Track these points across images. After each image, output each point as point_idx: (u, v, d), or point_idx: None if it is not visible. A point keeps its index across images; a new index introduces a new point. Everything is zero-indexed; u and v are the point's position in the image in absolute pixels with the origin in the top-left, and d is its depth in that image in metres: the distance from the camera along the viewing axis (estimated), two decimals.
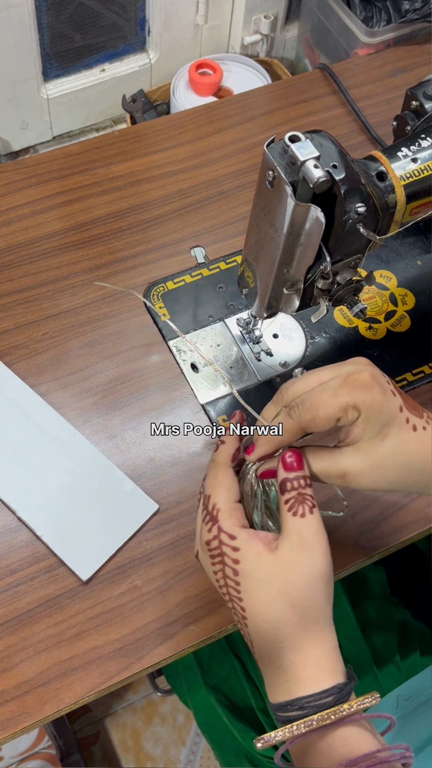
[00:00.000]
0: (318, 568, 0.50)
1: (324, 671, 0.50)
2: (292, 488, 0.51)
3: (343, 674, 0.50)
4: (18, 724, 0.63)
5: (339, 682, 0.49)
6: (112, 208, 0.89)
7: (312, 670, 0.50)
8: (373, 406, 0.50)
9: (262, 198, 0.61)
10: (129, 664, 0.65)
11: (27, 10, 0.98)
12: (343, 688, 0.49)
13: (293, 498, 0.51)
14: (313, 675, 0.49)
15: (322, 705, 0.48)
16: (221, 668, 0.89)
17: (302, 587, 0.49)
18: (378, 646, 0.84)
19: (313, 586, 0.49)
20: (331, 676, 0.50)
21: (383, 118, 0.98)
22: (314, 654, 0.50)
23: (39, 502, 0.70)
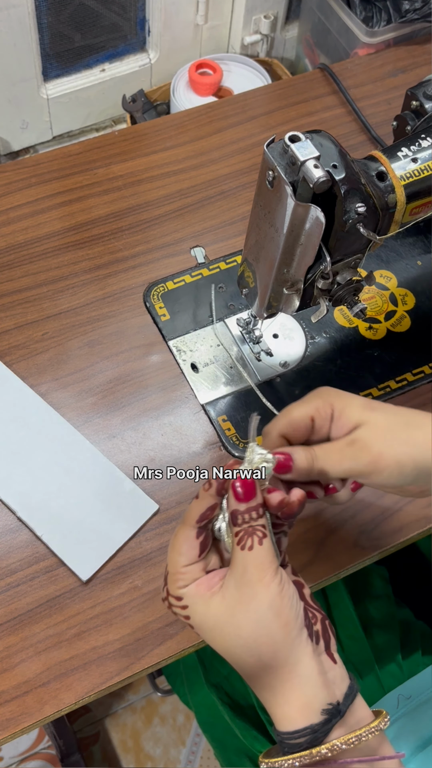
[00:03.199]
0: (261, 602, 0.47)
1: (295, 710, 0.47)
2: (242, 521, 0.48)
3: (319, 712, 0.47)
4: (18, 724, 0.63)
5: (312, 722, 0.46)
6: (112, 208, 0.89)
7: (284, 708, 0.47)
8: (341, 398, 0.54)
9: (262, 198, 0.61)
10: (129, 664, 0.65)
11: (27, 10, 0.98)
12: (318, 728, 0.46)
13: (243, 531, 0.48)
14: (285, 713, 0.47)
15: (295, 745, 0.47)
16: (223, 667, 0.89)
17: (249, 627, 0.47)
18: (380, 646, 0.84)
19: (261, 622, 0.47)
20: (304, 715, 0.47)
21: (383, 118, 0.98)
22: (282, 693, 0.47)
23: (39, 502, 0.70)
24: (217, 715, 0.91)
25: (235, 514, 0.48)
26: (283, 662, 0.47)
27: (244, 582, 0.47)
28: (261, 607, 0.47)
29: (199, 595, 0.49)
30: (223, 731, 0.91)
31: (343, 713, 0.47)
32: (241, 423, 0.76)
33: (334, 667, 0.49)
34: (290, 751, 0.46)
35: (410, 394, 0.80)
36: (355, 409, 0.53)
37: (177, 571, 0.50)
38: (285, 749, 0.47)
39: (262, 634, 0.47)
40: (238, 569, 0.48)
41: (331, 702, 0.47)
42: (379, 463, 0.51)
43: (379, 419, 0.53)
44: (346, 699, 0.48)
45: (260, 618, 0.47)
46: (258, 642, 0.47)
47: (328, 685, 0.48)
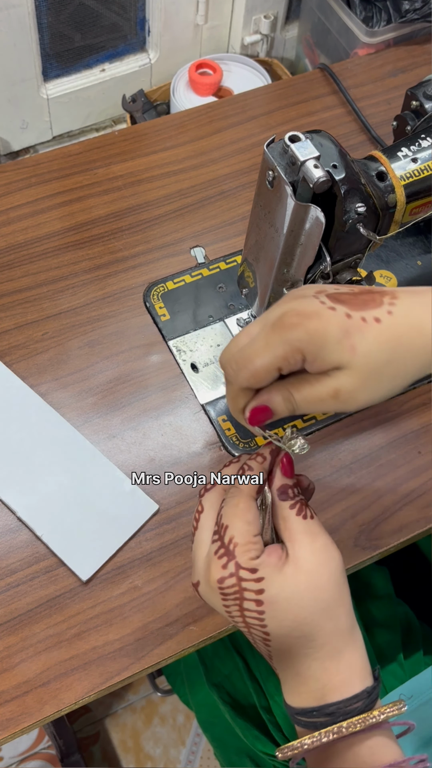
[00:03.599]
0: (339, 563, 0.48)
1: (356, 674, 0.47)
2: (293, 494, 0.49)
3: (371, 675, 0.48)
4: (18, 724, 0.63)
5: (368, 686, 0.47)
6: (112, 208, 0.89)
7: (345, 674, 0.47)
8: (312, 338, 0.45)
9: (262, 198, 0.61)
10: (129, 664, 0.65)
11: (27, 10, 0.98)
12: (372, 691, 0.47)
13: (298, 502, 0.49)
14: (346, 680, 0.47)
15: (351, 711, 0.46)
16: (224, 666, 0.89)
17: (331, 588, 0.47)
18: (382, 646, 0.84)
19: (340, 583, 0.48)
20: (361, 679, 0.47)
21: (383, 118, 0.98)
22: (348, 657, 0.47)
23: (39, 502, 0.70)
24: (217, 714, 0.91)
25: (284, 490, 0.49)
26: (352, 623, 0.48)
27: (319, 547, 0.47)
28: (338, 567, 0.48)
29: (273, 564, 0.47)
30: (224, 731, 0.91)
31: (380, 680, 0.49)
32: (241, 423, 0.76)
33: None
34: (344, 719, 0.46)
35: (410, 394, 0.80)
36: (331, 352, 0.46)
37: (249, 540, 0.47)
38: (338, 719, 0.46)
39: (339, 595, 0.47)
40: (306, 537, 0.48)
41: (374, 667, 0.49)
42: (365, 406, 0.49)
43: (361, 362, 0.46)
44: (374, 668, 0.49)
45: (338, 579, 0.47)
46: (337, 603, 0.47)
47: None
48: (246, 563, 0.47)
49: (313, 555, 0.47)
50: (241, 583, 0.47)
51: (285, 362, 0.46)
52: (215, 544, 0.49)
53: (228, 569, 0.47)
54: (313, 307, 0.46)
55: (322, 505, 0.73)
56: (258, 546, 0.48)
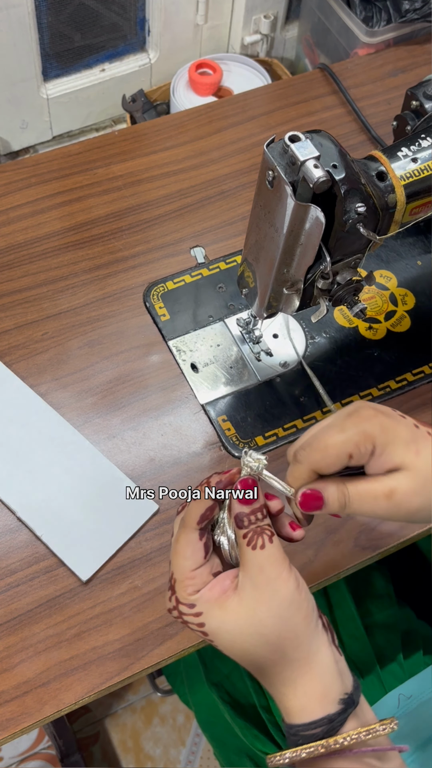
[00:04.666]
0: (283, 598, 0.47)
1: (314, 701, 0.47)
2: (249, 522, 0.48)
3: (336, 702, 0.47)
4: (18, 725, 0.63)
5: (329, 712, 0.47)
6: (112, 208, 0.89)
7: (301, 701, 0.47)
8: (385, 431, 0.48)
9: (262, 198, 0.61)
10: (129, 664, 0.65)
11: (27, 10, 0.98)
12: (334, 718, 0.47)
13: (251, 532, 0.48)
14: (303, 706, 0.47)
15: (310, 736, 0.47)
16: (224, 665, 0.89)
17: (273, 623, 0.47)
18: (381, 645, 0.84)
19: (284, 617, 0.47)
20: (322, 705, 0.47)
21: (383, 118, 0.98)
22: (302, 684, 0.47)
23: (39, 502, 0.70)
24: (217, 714, 0.91)
25: (240, 517, 0.48)
26: (305, 654, 0.48)
27: (261, 581, 0.47)
28: (283, 602, 0.47)
29: (213, 600, 0.48)
30: (224, 730, 0.91)
31: (356, 703, 0.48)
32: (241, 423, 0.76)
33: (341, 659, 0.49)
34: (304, 743, 0.46)
35: (410, 394, 0.80)
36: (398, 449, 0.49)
37: (186, 576, 0.49)
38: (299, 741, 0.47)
39: (285, 629, 0.47)
40: (253, 569, 0.47)
41: (346, 692, 0.48)
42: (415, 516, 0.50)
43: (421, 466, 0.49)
44: (356, 690, 0.49)
45: (282, 614, 0.47)
46: (281, 637, 0.47)
47: (342, 675, 0.48)
48: (183, 599, 0.49)
49: (254, 590, 0.47)
50: (183, 617, 0.49)
51: (356, 449, 0.48)
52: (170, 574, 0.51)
53: (171, 602, 0.50)
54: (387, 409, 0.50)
55: None
56: (196, 581, 0.49)
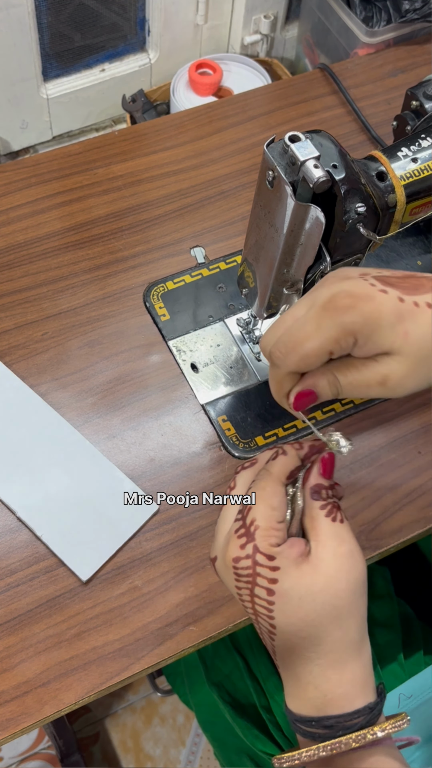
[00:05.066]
0: (362, 573, 0.46)
1: (358, 689, 0.46)
2: (327, 496, 0.47)
3: (374, 691, 0.47)
4: (18, 725, 0.63)
5: (370, 701, 0.46)
6: (112, 208, 0.89)
7: (347, 687, 0.46)
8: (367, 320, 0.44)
9: (262, 198, 0.61)
10: (129, 664, 0.65)
11: (27, 10, 0.98)
12: (374, 707, 0.46)
13: (331, 504, 0.47)
14: (347, 693, 0.46)
15: (350, 726, 0.45)
16: (224, 665, 0.89)
17: (347, 596, 0.45)
18: (382, 645, 0.84)
19: (358, 593, 0.46)
20: (364, 694, 0.46)
21: (383, 118, 0.98)
22: (352, 670, 0.46)
23: (39, 502, 0.70)
24: (217, 714, 0.91)
25: (318, 489, 0.47)
26: (361, 636, 0.46)
27: (343, 553, 0.45)
28: (360, 577, 0.46)
29: (293, 558, 0.45)
30: (224, 730, 0.91)
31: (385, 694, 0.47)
32: (241, 423, 0.76)
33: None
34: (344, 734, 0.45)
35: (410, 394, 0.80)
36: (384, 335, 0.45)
37: (271, 526, 0.46)
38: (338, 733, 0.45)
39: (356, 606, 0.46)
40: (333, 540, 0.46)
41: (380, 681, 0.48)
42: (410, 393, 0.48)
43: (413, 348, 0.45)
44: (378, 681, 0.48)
45: (358, 589, 0.46)
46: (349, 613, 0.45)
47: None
48: (264, 548, 0.46)
49: (335, 559, 0.45)
50: (256, 568, 0.46)
51: (337, 345, 0.45)
52: (237, 523, 0.47)
53: (245, 550, 0.46)
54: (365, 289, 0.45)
55: None
56: (280, 534, 0.46)
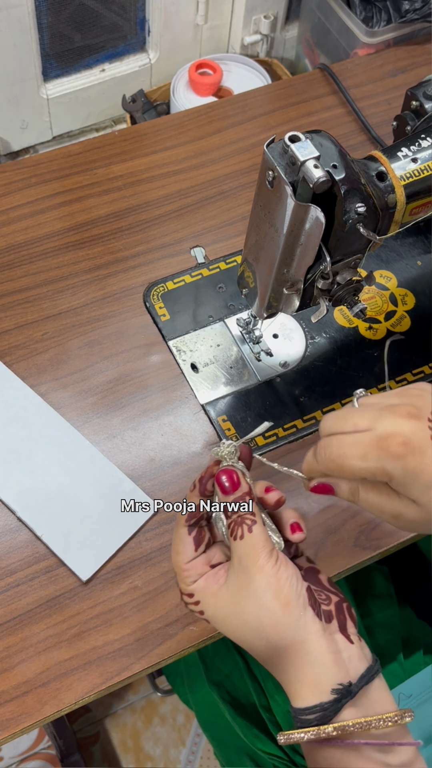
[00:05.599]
0: (258, 585, 0.48)
1: (307, 688, 0.48)
2: (232, 512, 0.50)
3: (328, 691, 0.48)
4: (18, 725, 0.63)
5: (322, 701, 0.47)
6: (112, 208, 0.89)
7: (295, 686, 0.49)
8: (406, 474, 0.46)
9: (262, 198, 0.61)
10: (129, 664, 0.65)
11: (27, 10, 0.98)
12: (327, 707, 0.47)
13: (233, 522, 0.50)
14: (298, 691, 0.48)
15: (305, 721, 0.48)
16: (224, 665, 0.89)
17: (252, 610, 0.48)
18: (382, 645, 0.84)
19: (262, 605, 0.48)
20: (316, 693, 0.48)
21: (383, 118, 0.98)
22: (294, 671, 0.49)
23: (39, 502, 0.70)
24: (217, 713, 0.91)
25: (225, 508, 0.51)
26: (290, 641, 0.48)
27: (240, 570, 0.49)
28: (258, 589, 0.48)
29: (207, 589, 0.51)
30: (224, 730, 0.91)
31: (354, 693, 0.48)
32: (241, 423, 0.76)
33: (350, 647, 0.49)
34: (302, 727, 0.48)
35: None
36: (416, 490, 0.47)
37: (180, 569, 0.52)
38: (297, 725, 0.48)
39: (264, 615, 0.48)
40: (234, 559, 0.50)
41: (342, 682, 0.48)
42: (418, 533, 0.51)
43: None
44: (360, 680, 0.48)
45: (259, 601, 0.48)
46: (262, 624, 0.48)
47: (340, 664, 0.48)
48: (183, 589, 0.53)
49: (235, 579, 0.50)
50: (188, 605, 0.53)
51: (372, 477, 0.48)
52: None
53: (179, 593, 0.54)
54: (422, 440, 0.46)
55: (322, 505, 0.73)
56: (191, 572, 0.52)
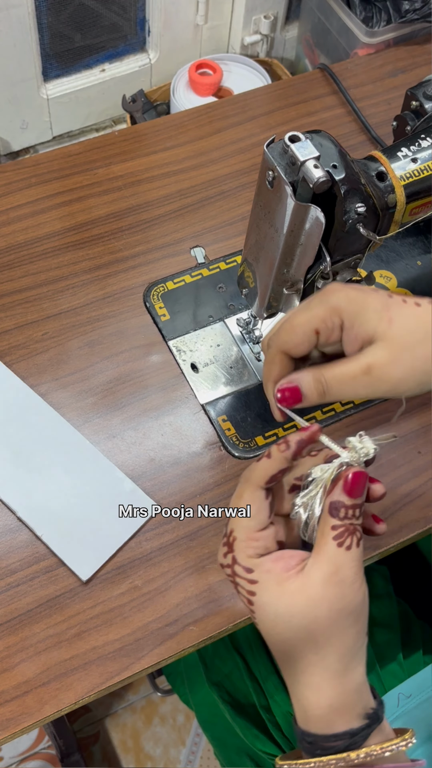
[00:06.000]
0: (350, 604, 0.44)
1: (337, 715, 0.45)
2: (344, 516, 0.45)
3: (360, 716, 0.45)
4: (18, 724, 0.63)
5: (353, 727, 0.45)
6: (112, 208, 0.89)
7: (324, 711, 0.45)
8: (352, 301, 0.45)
9: (262, 198, 0.61)
10: (129, 664, 0.65)
11: (27, 10, 0.98)
12: (357, 733, 0.45)
13: (344, 527, 0.44)
14: (324, 716, 0.45)
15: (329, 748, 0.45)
16: (224, 665, 0.89)
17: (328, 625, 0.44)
18: (381, 645, 0.84)
19: (341, 624, 0.44)
20: (346, 720, 0.45)
21: (383, 118, 0.98)
22: (329, 696, 0.45)
23: (39, 502, 0.70)
24: (217, 713, 0.91)
25: (338, 507, 0.45)
26: (344, 667, 0.45)
27: (335, 581, 0.44)
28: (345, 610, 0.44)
29: (274, 574, 0.45)
30: (224, 730, 0.91)
31: (381, 720, 0.46)
32: (241, 423, 0.76)
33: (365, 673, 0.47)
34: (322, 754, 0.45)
35: None
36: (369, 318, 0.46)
37: (249, 536, 0.46)
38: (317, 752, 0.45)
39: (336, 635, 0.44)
40: (329, 565, 0.44)
41: (372, 707, 0.46)
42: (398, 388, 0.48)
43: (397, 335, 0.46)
44: (380, 705, 0.47)
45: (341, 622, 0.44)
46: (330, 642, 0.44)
47: (368, 690, 0.47)
48: (243, 560, 0.46)
49: (323, 585, 0.44)
50: (236, 578, 0.46)
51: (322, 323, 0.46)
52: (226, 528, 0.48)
53: (227, 559, 0.46)
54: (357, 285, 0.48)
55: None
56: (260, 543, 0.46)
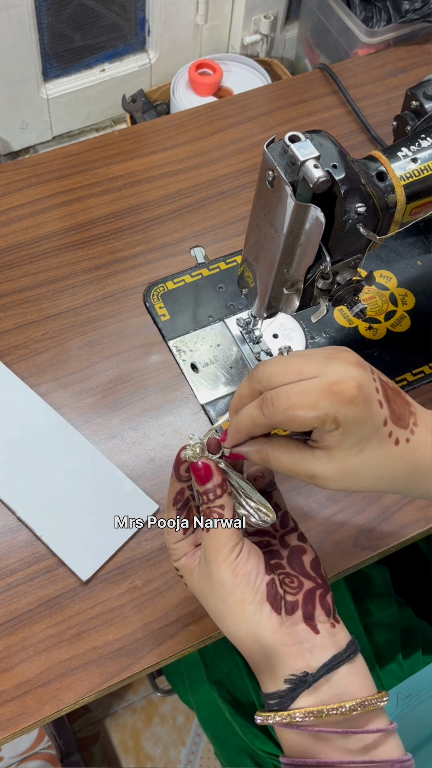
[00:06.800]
0: (215, 580, 0.50)
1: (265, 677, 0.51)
2: (203, 502, 0.51)
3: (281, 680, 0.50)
4: (18, 724, 0.63)
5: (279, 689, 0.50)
6: (112, 208, 0.89)
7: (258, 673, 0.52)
8: (354, 422, 0.47)
9: (262, 198, 0.61)
10: (129, 664, 0.65)
11: (27, 10, 0.98)
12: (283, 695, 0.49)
13: (203, 512, 0.51)
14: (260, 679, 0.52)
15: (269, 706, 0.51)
16: (224, 664, 0.89)
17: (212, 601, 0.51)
18: (380, 645, 0.84)
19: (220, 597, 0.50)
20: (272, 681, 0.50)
21: (383, 118, 0.98)
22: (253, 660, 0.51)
23: (39, 502, 0.70)
24: (218, 712, 0.91)
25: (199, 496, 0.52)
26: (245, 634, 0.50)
27: (204, 561, 0.52)
28: (216, 583, 0.50)
29: (186, 567, 0.54)
30: (224, 729, 0.91)
31: (310, 683, 0.49)
32: None
33: (313, 637, 0.50)
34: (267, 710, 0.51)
35: (410, 394, 0.80)
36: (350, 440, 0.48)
37: (169, 547, 0.56)
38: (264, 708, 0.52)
39: (221, 608, 0.51)
40: (202, 548, 0.52)
41: (295, 673, 0.49)
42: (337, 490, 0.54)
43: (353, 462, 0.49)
44: (320, 669, 0.49)
45: (217, 594, 0.51)
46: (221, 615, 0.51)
47: (300, 655, 0.50)
48: (172, 564, 0.56)
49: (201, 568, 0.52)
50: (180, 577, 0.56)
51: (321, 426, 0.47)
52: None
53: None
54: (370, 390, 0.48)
55: (322, 505, 0.73)
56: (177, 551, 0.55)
